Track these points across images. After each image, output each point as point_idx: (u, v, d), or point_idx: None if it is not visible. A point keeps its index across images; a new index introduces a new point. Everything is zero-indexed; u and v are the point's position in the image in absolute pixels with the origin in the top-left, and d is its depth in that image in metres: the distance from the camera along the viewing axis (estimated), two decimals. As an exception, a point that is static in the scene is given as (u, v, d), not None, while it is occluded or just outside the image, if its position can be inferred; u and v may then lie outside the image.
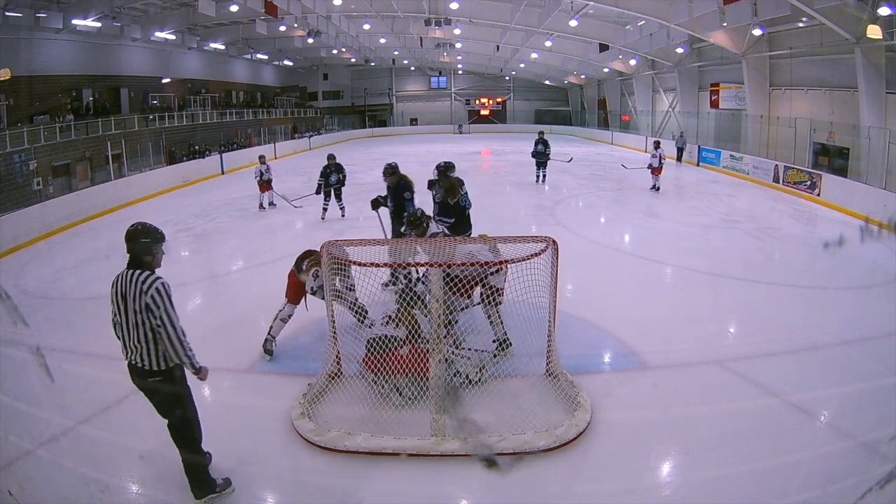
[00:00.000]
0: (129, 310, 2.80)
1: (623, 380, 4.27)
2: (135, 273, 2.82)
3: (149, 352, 2.80)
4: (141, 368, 2.82)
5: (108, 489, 3.11)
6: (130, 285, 2.80)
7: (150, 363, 2.81)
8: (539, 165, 14.08)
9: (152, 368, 2.81)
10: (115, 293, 2.86)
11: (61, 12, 15.78)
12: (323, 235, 7.73)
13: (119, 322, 2.88)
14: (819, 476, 3.13)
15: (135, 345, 2.81)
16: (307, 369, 4.33)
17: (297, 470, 3.31)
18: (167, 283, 2.83)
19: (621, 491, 3.11)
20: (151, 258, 2.88)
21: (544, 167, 14.10)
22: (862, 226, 8.64)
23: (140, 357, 2.81)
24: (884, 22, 10.93)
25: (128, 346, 2.85)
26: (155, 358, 2.81)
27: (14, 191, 12.88)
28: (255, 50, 27.27)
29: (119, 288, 2.85)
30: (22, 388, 4.09)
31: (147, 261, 2.86)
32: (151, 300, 2.75)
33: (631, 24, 19.85)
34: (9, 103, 15.24)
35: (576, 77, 31.55)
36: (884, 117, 11.92)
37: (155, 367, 2.81)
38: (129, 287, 2.80)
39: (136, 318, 2.78)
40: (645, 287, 6.51)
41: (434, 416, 3.39)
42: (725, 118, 18.87)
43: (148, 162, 16.69)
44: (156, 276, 2.83)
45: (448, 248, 4.02)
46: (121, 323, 2.86)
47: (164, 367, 2.83)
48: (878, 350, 4.62)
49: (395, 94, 38.96)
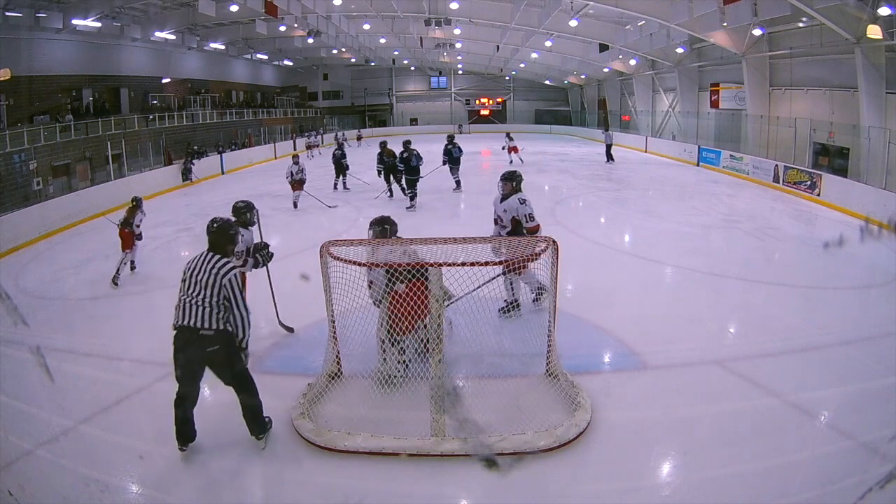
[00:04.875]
0: (200, 279, 3.29)
1: (623, 380, 4.27)
2: (214, 257, 3.37)
3: (212, 315, 3.26)
4: (197, 331, 3.25)
5: (108, 489, 3.11)
6: (207, 265, 3.32)
7: (211, 324, 3.26)
8: (453, 171, 12.94)
9: (211, 329, 3.26)
10: (189, 270, 3.36)
11: (61, 12, 15.78)
12: (323, 236, 7.72)
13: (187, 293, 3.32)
14: (819, 476, 3.12)
15: (196, 308, 3.26)
16: (307, 369, 4.33)
17: (297, 470, 3.31)
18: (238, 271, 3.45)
19: (621, 491, 3.11)
20: (232, 247, 3.53)
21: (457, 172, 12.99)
22: (862, 226, 8.64)
23: (201, 318, 3.25)
24: (884, 22, 10.93)
25: (185, 310, 3.29)
26: (220, 322, 3.28)
27: (14, 191, 12.88)
28: (255, 50, 27.28)
29: (194, 266, 3.36)
30: (22, 388, 4.09)
31: (228, 250, 3.48)
32: (228, 282, 3.29)
33: (631, 24, 19.85)
34: (9, 103, 15.24)
35: (576, 77, 31.54)
36: (884, 117, 11.91)
37: (213, 328, 3.26)
38: (205, 266, 3.33)
39: (209, 291, 3.26)
40: (645, 287, 6.51)
41: (434, 416, 3.38)
42: (725, 118, 18.87)
43: (148, 162, 16.68)
44: (232, 264, 3.40)
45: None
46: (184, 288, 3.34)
47: (222, 329, 3.29)
48: (878, 350, 4.61)
49: (395, 94, 38.96)
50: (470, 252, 3.77)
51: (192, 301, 3.26)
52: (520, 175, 5.42)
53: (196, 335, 3.23)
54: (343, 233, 9.40)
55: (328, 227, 9.82)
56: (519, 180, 5.34)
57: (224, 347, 3.29)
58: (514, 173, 5.40)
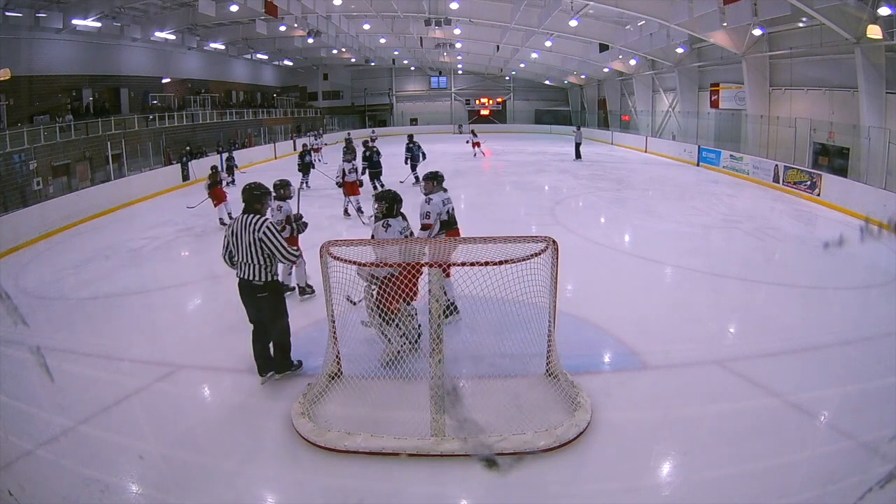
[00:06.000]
0: (244, 242, 3.96)
1: (623, 380, 4.27)
2: (249, 217, 4.01)
3: (259, 271, 3.98)
4: (251, 282, 4.00)
5: (108, 489, 3.11)
6: (245, 225, 3.98)
7: (260, 278, 3.99)
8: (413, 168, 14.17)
9: (261, 281, 3.99)
10: (231, 233, 4.04)
11: (61, 12, 15.78)
12: (323, 236, 7.72)
13: (233, 252, 4.05)
14: (819, 476, 3.13)
15: (247, 266, 3.98)
16: (307, 369, 4.34)
17: (297, 470, 3.31)
18: (273, 222, 4.10)
19: (621, 491, 3.11)
20: (260, 206, 4.12)
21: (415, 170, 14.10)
22: (862, 226, 8.63)
23: (252, 274, 3.98)
24: (884, 22, 10.92)
25: (241, 268, 4.02)
26: (263, 274, 3.99)
27: (14, 191, 12.87)
28: (255, 50, 27.27)
29: (234, 228, 4.03)
30: (22, 388, 4.09)
31: (257, 208, 4.09)
32: (263, 235, 3.93)
33: (631, 24, 19.84)
34: (9, 103, 15.24)
35: (576, 77, 31.54)
36: (884, 117, 11.91)
37: (262, 280, 4.00)
38: (243, 227, 3.98)
39: (251, 248, 3.94)
40: (645, 287, 6.51)
41: (434, 416, 3.38)
42: (725, 118, 18.87)
43: (148, 162, 16.68)
44: (265, 218, 4.04)
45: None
46: (236, 253, 4.03)
47: (270, 280, 4.03)
48: (878, 350, 4.62)
49: (395, 94, 38.95)
50: (470, 252, 3.77)
51: (244, 261, 3.99)
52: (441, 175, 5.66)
53: (250, 286, 4.01)
54: (343, 233, 9.40)
55: (328, 227, 9.81)
56: (440, 179, 5.57)
57: (271, 294, 4.05)
58: (435, 173, 5.65)
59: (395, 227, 4.58)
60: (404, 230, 4.64)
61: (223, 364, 4.57)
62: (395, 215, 4.64)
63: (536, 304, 3.81)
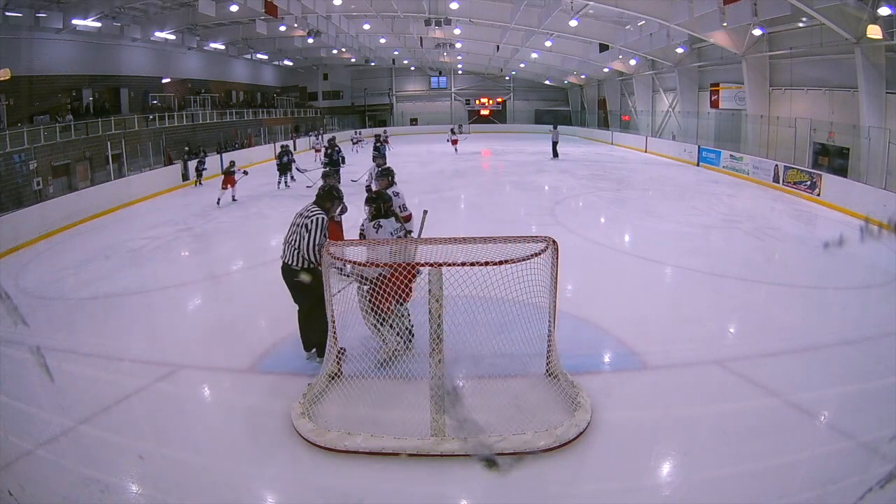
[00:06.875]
0: (293, 225, 4.27)
1: (623, 380, 4.27)
2: (312, 206, 4.35)
3: (296, 255, 4.22)
4: (289, 266, 4.25)
5: (108, 489, 3.11)
6: (302, 211, 4.32)
7: (297, 262, 4.23)
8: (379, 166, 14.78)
9: (298, 266, 4.23)
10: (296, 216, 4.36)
11: (61, 12, 15.79)
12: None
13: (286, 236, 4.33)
14: (819, 476, 3.12)
15: (289, 248, 4.25)
16: (307, 369, 4.34)
17: (297, 470, 3.31)
18: (326, 218, 4.33)
19: (621, 491, 3.10)
20: (330, 205, 4.45)
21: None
22: (862, 226, 8.63)
23: (291, 258, 4.24)
24: (884, 22, 10.93)
25: (284, 250, 4.31)
26: (299, 259, 4.22)
27: (14, 191, 12.88)
28: (255, 50, 27.27)
29: (297, 214, 4.35)
30: (22, 388, 4.09)
31: (325, 206, 4.41)
32: (311, 222, 4.22)
33: (631, 24, 19.85)
34: (9, 103, 15.24)
35: (576, 77, 31.54)
36: (884, 117, 11.91)
37: (298, 266, 4.22)
38: (300, 213, 4.32)
39: (297, 232, 4.23)
40: (645, 287, 6.51)
41: (434, 416, 3.38)
42: (725, 118, 18.87)
43: (148, 162, 16.68)
44: (321, 212, 4.32)
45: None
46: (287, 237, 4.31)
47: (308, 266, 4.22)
48: (877, 350, 4.62)
49: (395, 94, 38.97)
50: (470, 252, 3.77)
51: (287, 243, 4.25)
52: (392, 171, 6.03)
53: (289, 269, 4.25)
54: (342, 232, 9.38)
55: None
56: (392, 175, 5.91)
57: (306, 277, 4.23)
58: (387, 169, 6.01)
59: (387, 227, 4.51)
60: (396, 231, 4.57)
61: (223, 364, 4.57)
62: (387, 215, 4.56)
63: (536, 304, 3.81)
